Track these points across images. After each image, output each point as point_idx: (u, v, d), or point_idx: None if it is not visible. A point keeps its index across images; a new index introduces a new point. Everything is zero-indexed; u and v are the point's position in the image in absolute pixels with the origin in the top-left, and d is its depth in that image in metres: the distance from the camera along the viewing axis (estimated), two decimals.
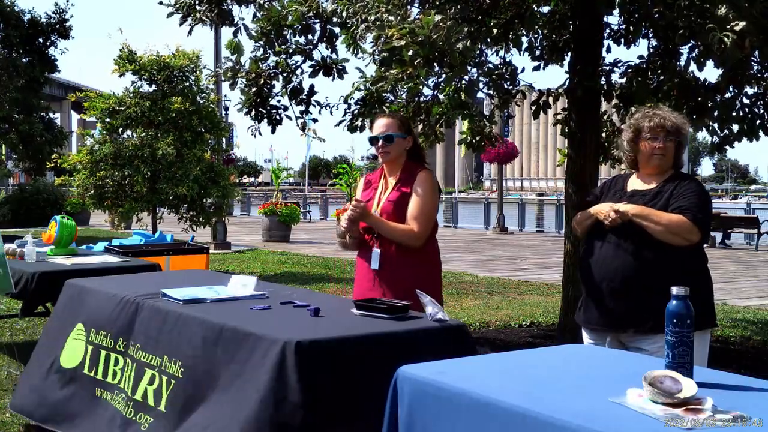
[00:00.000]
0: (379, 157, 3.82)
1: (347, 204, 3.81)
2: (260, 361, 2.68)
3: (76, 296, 3.93)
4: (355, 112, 6.35)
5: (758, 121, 5.90)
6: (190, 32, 6.96)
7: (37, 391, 3.78)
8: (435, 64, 4.78)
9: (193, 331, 3.07)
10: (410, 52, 4.52)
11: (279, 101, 6.80)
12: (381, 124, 3.79)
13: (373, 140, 3.78)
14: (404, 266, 3.65)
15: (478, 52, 5.67)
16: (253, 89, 6.58)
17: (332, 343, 2.70)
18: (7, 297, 5.37)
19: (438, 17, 4.54)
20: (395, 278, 3.65)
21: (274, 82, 6.69)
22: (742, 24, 4.28)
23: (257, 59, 6.58)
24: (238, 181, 23.33)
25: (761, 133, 5.92)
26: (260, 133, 6.96)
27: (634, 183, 3.36)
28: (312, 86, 6.78)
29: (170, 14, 6.93)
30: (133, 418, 3.20)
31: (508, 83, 6.35)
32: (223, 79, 6.69)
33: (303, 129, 7.01)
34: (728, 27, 4.31)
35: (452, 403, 2.09)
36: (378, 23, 4.73)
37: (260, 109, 6.68)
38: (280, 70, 6.61)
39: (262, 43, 6.54)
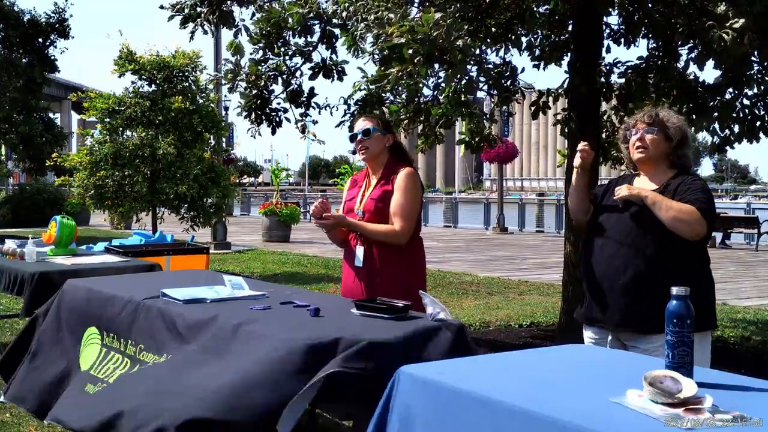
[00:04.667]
0: (359, 155, 3.85)
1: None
2: (257, 356, 2.69)
3: (80, 298, 3.92)
4: (356, 112, 6.36)
5: (759, 123, 5.89)
6: (191, 38, 6.96)
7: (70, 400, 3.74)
8: (435, 62, 4.78)
9: (194, 333, 3.08)
10: (410, 50, 4.52)
11: (279, 104, 6.81)
12: (360, 123, 3.86)
13: (352, 138, 3.84)
14: (386, 265, 3.68)
15: (477, 50, 5.68)
16: (254, 91, 6.59)
17: (332, 342, 2.70)
18: (8, 297, 5.36)
19: (438, 15, 4.54)
20: (377, 276, 3.68)
21: (273, 85, 6.70)
22: (741, 21, 4.28)
23: (257, 62, 6.59)
24: (238, 181, 23.33)
25: (762, 135, 5.92)
26: (260, 134, 6.99)
27: (639, 183, 3.35)
28: (312, 89, 6.79)
29: (171, 17, 6.92)
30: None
31: (508, 82, 6.35)
32: (223, 82, 6.69)
33: (303, 131, 7.02)
34: (728, 25, 4.31)
35: (452, 403, 2.09)
36: (378, 21, 4.73)
37: (259, 112, 6.69)
38: (279, 72, 6.62)
39: (261, 45, 6.54)
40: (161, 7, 6.96)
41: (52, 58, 24.07)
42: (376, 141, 3.78)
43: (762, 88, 5.85)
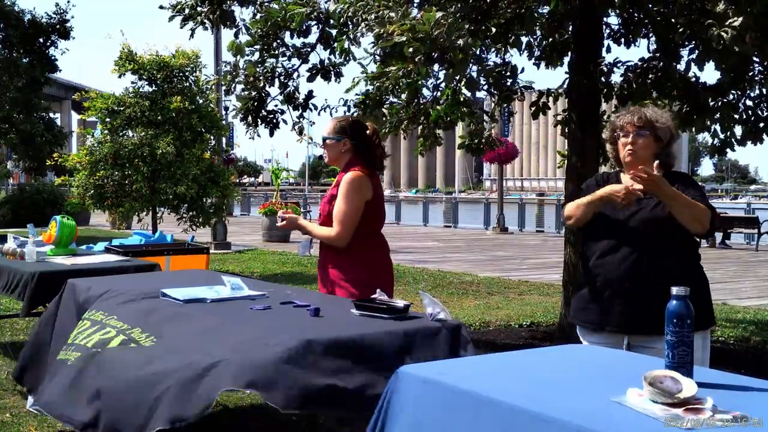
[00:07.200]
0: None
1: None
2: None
3: (77, 297, 3.92)
4: (355, 113, 6.35)
5: (762, 124, 5.87)
6: (191, 36, 6.96)
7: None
8: (436, 61, 4.78)
9: (186, 323, 3.09)
10: (411, 49, 4.52)
11: (276, 105, 6.82)
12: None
13: None
14: (336, 263, 3.82)
15: (478, 51, 5.67)
16: (253, 93, 6.58)
17: (331, 342, 2.69)
18: (8, 297, 5.36)
19: (439, 14, 4.54)
20: (330, 274, 3.84)
21: (270, 87, 6.70)
22: (740, 19, 4.27)
23: (255, 63, 6.58)
24: (238, 181, 23.36)
25: (765, 136, 5.90)
26: (259, 135, 7.00)
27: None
28: (311, 91, 6.79)
29: (171, 17, 6.92)
30: (65, 357, 3.30)
31: (509, 82, 6.35)
32: (223, 83, 6.70)
33: (300, 133, 7.03)
34: (727, 23, 4.31)
35: (452, 403, 2.09)
36: (378, 20, 4.73)
37: (256, 114, 6.69)
38: (276, 74, 6.62)
39: (258, 46, 6.54)
40: (161, 7, 6.96)
41: (53, 58, 24.10)
42: (330, 148, 3.90)
43: (765, 89, 5.84)
